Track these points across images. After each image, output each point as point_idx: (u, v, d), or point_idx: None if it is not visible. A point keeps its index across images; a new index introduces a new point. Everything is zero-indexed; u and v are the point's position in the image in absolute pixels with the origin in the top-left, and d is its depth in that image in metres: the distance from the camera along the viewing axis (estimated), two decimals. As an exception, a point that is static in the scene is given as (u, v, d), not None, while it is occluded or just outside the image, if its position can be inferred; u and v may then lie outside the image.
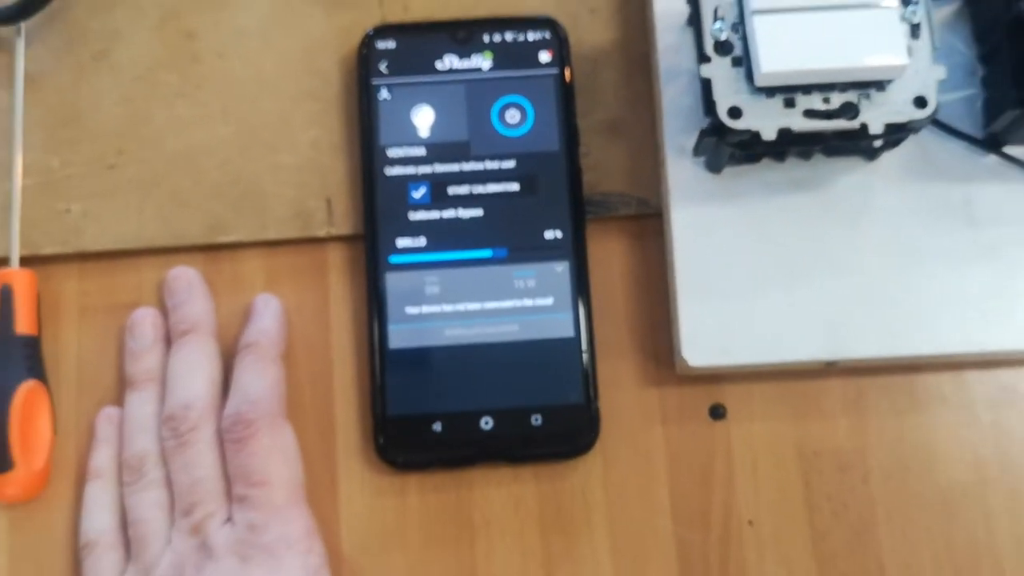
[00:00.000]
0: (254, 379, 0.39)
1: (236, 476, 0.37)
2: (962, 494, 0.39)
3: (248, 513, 0.37)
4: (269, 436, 0.38)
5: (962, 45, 0.41)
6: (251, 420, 0.37)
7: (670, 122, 0.40)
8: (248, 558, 0.36)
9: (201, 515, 0.37)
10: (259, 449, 0.37)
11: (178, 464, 0.38)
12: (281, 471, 0.38)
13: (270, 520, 0.36)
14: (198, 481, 0.37)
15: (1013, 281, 0.39)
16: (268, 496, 0.37)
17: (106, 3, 0.44)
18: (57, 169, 0.42)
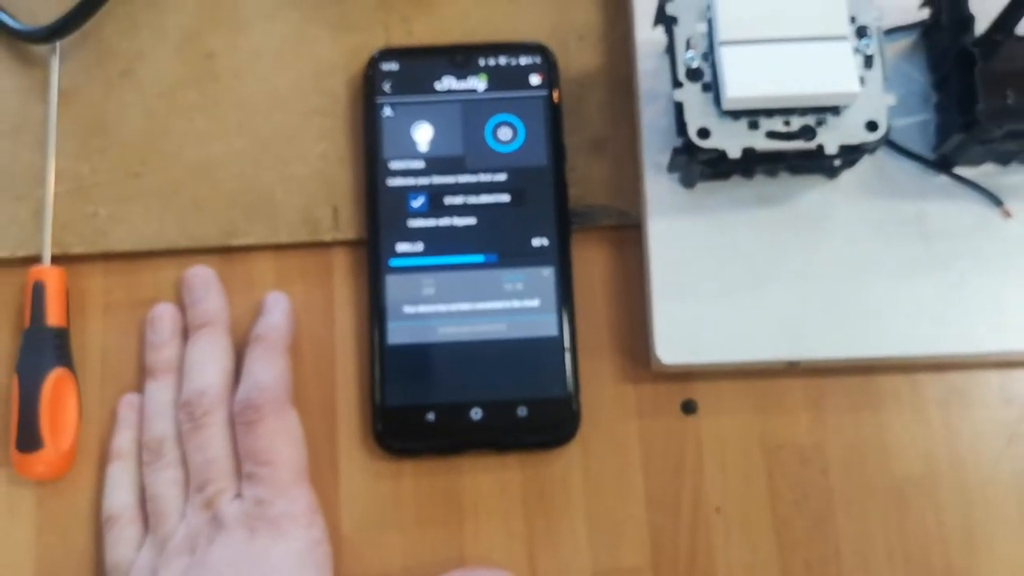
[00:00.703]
0: (263, 368, 0.40)
1: (245, 456, 0.39)
2: (914, 487, 0.41)
3: (256, 489, 0.38)
4: (276, 420, 0.39)
5: (918, 74, 0.43)
6: (259, 405, 0.39)
7: (649, 141, 0.43)
8: (255, 530, 0.38)
9: (213, 491, 0.39)
10: (266, 432, 0.39)
11: (193, 445, 0.40)
12: (286, 452, 0.39)
13: (276, 496, 0.38)
14: (211, 461, 0.39)
15: (961, 290, 0.41)
16: (274, 474, 0.39)
17: (133, 25, 0.46)
18: (87, 176, 0.44)
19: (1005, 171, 0.43)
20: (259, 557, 0.38)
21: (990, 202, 0.42)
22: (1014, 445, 0.42)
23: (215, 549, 0.38)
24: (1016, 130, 0.39)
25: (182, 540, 0.39)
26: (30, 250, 0.43)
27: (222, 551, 0.38)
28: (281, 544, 0.38)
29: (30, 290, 0.42)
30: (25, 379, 0.41)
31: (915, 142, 0.43)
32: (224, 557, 0.38)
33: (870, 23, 0.38)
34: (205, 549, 0.38)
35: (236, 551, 0.38)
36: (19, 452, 0.41)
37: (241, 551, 0.38)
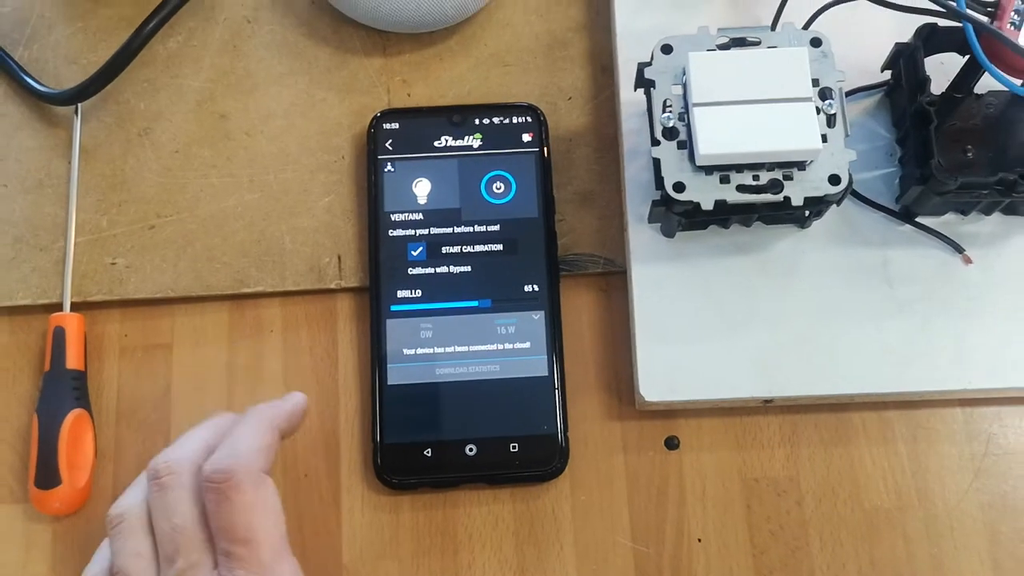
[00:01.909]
0: (245, 436, 0.37)
1: (220, 531, 0.35)
2: (884, 518, 0.43)
3: (236, 571, 0.35)
4: (252, 492, 0.35)
5: (882, 130, 0.46)
6: (231, 472, 0.35)
7: (632, 194, 0.45)
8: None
9: (184, 564, 0.35)
10: (242, 504, 0.35)
11: (158, 511, 0.36)
12: (265, 526, 0.36)
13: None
14: (177, 528, 0.35)
15: (924, 332, 0.43)
16: (255, 554, 0.35)
17: (151, 88, 0.49)
18: (106, 228, 0.47)
19: (965, 220, 0.45)
20: None
21: (951, 249, 0.45)
22: (980, 478, 0.44)
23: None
24: (969, 183, 0.42)
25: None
26: (51, 298, 0.46)
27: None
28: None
29: (51, 335, 0.45)
30: (45, 419, 0.43)
31: (880, 194, 0.46)
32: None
33: (832, 85, 0.41)
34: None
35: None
36: (37, 488, 0.42)
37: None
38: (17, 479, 0.44)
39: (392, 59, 0.50)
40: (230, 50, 0.51)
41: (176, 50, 0.51)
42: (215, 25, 0.51)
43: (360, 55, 0.50)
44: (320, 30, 0.51)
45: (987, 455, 0.44)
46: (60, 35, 0.51)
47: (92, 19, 0.51)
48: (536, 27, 0.51)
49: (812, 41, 0.42)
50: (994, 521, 0.43)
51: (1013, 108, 0.44)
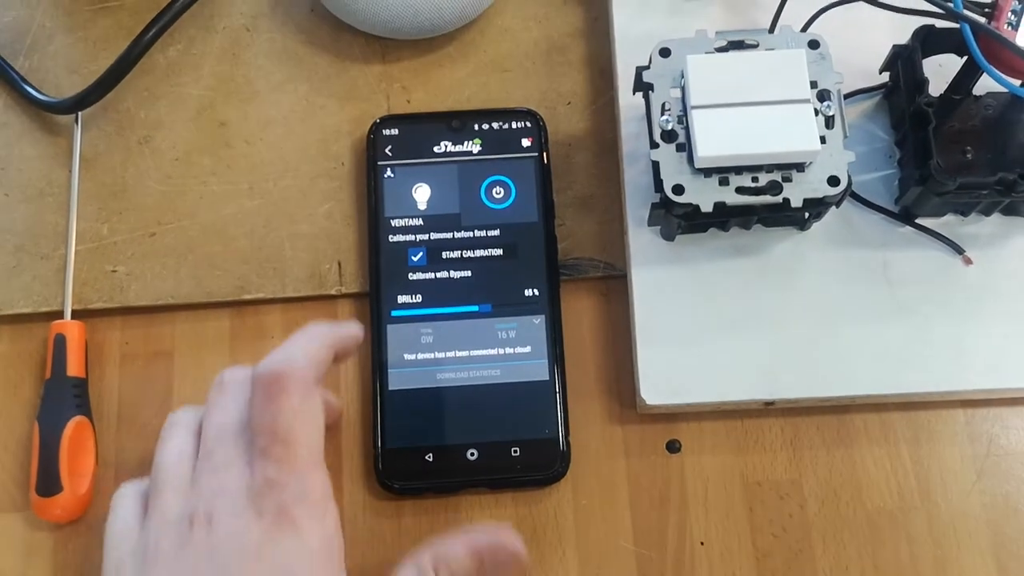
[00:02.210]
0: (300, 345, 0.37)
1: (260, 429, 0.35)
2: (887, 520, 0.43)
3: (268, 468, 0.35)
4: (299, 398, 0.36)
5: (881, 132, 0.47)
6: (284, 376, 0.35)
7: (631, 198, 0.45)
8: (263, 515, 0.34)
9: (220, 459, 0.36)
10: (287, 408, 0.35)
11: (208, 412, 0.37)
12: (306, 432, 0.36)
13: (290, 479, 0.35)
14: (221, 426, 0.36)
15: (925, 332, 0.43)
16: (290, 456, 0.35)
17: (151, 96, 0.50)
18: (106, 236, 0.47)
19: (965, 221, 0.46)
20: (270, 554, 0.34)
21: (952, 250, 0.45)
22: (983, 479, 0.44)
23: (218, 532, 0.34)
24: (969, 183, 0.42)
25: (179, 516, 0.35)
26: (53, 306, 0.46)
27: (226, 537, 0.34)
28: (294, 541, 0.34)
29: (52, 343, 0.45)
30: (46, 427, 0.43)
31: (880, 196, 0.46)
32: (229, 545, 0.34)
33: (831, 87, 0.41)
34: (206, 530, 0.35)
35: (242, 540, 0.34)
36: (38, 496, 0.42)
37: (249, 541, 0.34)
38: (18, 486, 0.44)
39: (391, 66, 0.50)
40: (230, 58, 0.51)
41: (176, 58, 0.51)
42: (214, 33, 0.51)
43: (359, 62, 0.51)
44: (319, 38, 0.51)
45: (989, 456, 0.44)
46: (60, 45, 0.51)
47: (92, 28, 0.51)
48: (535, 33, 0.51)
49: (810, 43, 0.42)
50: (997, 522, 0.43)
51: (1012, 109, 0.44)
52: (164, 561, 0.35)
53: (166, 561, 0.35)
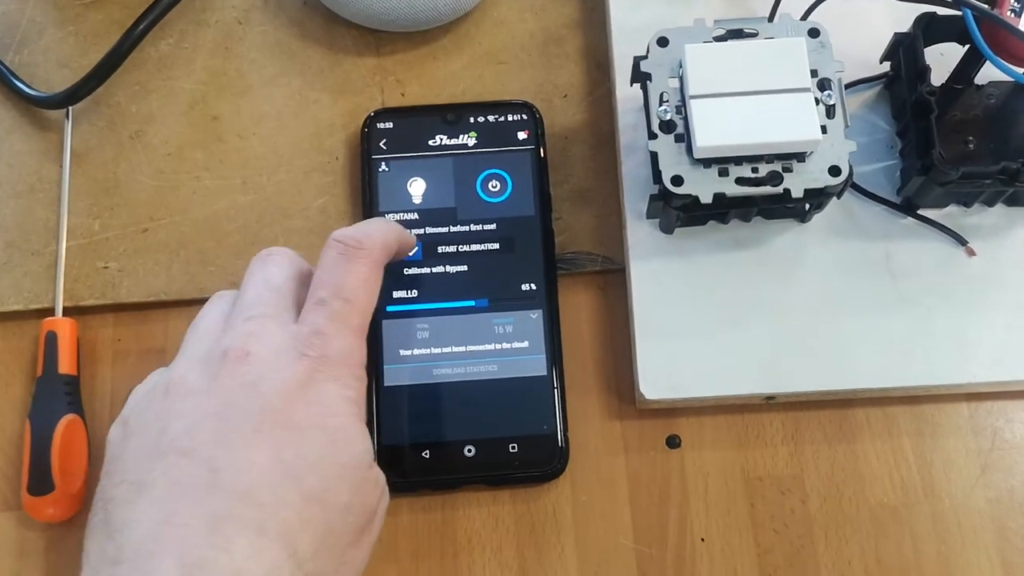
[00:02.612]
0: (380, 226, 0.38)
1: (324, 282, 0.36)
2: (890, 515, 0.42)
3: (319, 318, 0.35)
4: (372, 270, 0.37)
5: (883, 122, 0.46)
6: (364, 244, 0.37)
7: (629, 190, 0.45)
8: (304, 356, 0.34)
9: (259, 312, 0.36)
10: (359, 274, 0.36)
11: (251, 275, 0.37)
12: (367, 304, 0.36)
13: (338, 334, 0.35)
14: (267, 282, 0.37)
15: (928, 325, 0.43)
16: (347, 312, 0.35)
17: (143, 91, 0.49)
18: (98, 232, 0.47)
19: (968, 212, 0.45)
20: (314, 392, 0.34)
21: (954, 242, 0.44)
22: (987, 474, 0.43)
23: (256, 365, 0.34)
24: (971, 172, 0.41)
25: (208, 353, 0.35)
26: (44, 302, 0.45)
27: (266, 369, 0.34)
28: (335, 385, 0.34)
29: (43, 340, 0.44)
30: (37, 425, 0.43)
31: (881, 187, 0.45)
32: (269, 377, 0.34)
33: (831, 75, 0.41)
34: (243, 363, 0.34)
35: (284, 374, 0.34)
36: (30, 495, 0.42)
37: (290, 376, 0.34)
38: (10, 486, 0.44)
39: (385, 58, 0.50)
40: (222, 52, 0.50)
41: (167, 52, 0.50)
42: (206, 27, 0.51)
43: (353, 55, 0.50)
44: (312, 30, 0.50)
45: (993, 450, 0.44)
46: (51, 39, 0.50)
47: (83, 23, 0.51)
48: (530, 24, 0.50)
49: (810, 32, 0.41)
50: (1002, 516, 0.43)
51: (1015, 98, 0.44)
52: (192, 394, 0.34)
53: (194, 394, 0.34)
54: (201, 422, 0.33)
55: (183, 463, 0.33)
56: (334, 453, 0.34)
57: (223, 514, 0.32)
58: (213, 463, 0.32)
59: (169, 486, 0.32)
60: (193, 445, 0.33)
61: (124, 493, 0.33)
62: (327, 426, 0.34)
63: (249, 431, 0.33)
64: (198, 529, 0.31)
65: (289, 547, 0.32)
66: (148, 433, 0.34)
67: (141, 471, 0.33)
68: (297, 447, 0.33)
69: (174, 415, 0.34)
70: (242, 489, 0.32)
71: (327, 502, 0.33)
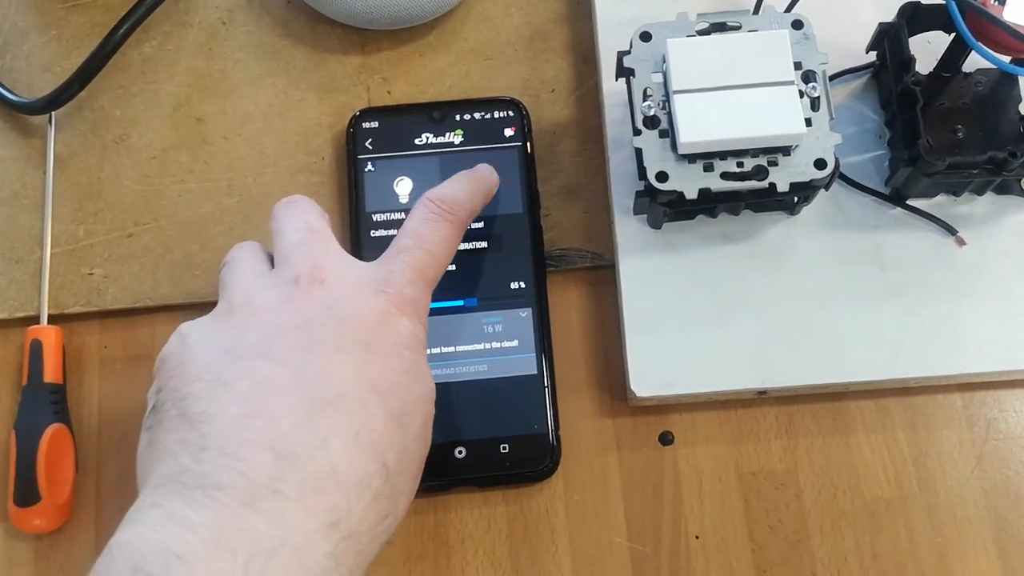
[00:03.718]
0: (469, 188, 0.39)
1: (411, 232, 0.37)
2: (885, 508, 0.42)
3: (402, 263, 0.36)
4: (455, 233, 0.38)
5: (870, 113, 0.46)
6: (455, 210, 0.38)
7: (617, 186, 0.45)
8: (381, 292, 0.34)
9: (320, 244, 0.36)
10: (445, 234, 0.37)
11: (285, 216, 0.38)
12: (444, 258, 0.37)
13: (415, 281, 0.35)
14: (309, 224, 0.37)
15: (919, 315, 0.43)
16: (427, 264, 0.36)
17: (126, 94, 0.49)
18: (82, 238, 0.46)
19: (957, 202, 0.45)
20: (392, 325, 0.34)
21: (944, 231, 0.44)
22: (982, 464, 0.43)
23: (333, 289, 0.34)
24: (958, 162, 0.41)
25: (274, 281, 0.35)
26: (28, 310, 0.45)
27: (344, 295, 0.34)
28: (410, 325, 0.35)
29: (28, 349, 0.44)
30: (23, 435, 0.42)
31: (870, 177, 0.45)
32: (348, 301, 0.34)
33: (815, 68, 0.40)
34: (317, 287, 0.34)
35: (362, 303, 0.34)
36: (17, 506, 0.41)
37: (368, 306, 0.34)
38: (-4, 497, 0.43)
39: (371, 57, 0.49)
40: (205, 53, 0.50)
41: (151, 54, 0.50)
42: (190, 28, 0.50)
43: (338, 53, 0.50)
44: (297, 30, 0.50)
45: (988, 440, 0.43)
46: (33, 44, 0.50)
47: (65, 27, 0.50)
48: (516, 19, 0.50)
49: (793, 24, 0.41)
50: (997, 507, 0.42)
51: (1002, 85, 0.44)
52: (265, 311, 0.34)
53: (267, 311, 0.33)
54: (279, 334, 0.33)
55: (265, 365, 0.32)
56: (411, 382, 0.34)
57: (315, 415, 0.31)
58: (299, 369, 0.32)
59: (253, 386, 0.32)
60: (274, 351, 0.32)
61: (202, 389, 0.32)
62: (404, 356, 0.34)
63: (332, 347, 0.33)
64: (291, 424, 0.31)
65: (379, 458, 0.32)
66: (218, 343, 0.33)
67: (220, 370, 0.32)
68: (380, 368, 0.33)
69: (247, 328, 0.33)
70: (331, 396, 0.32)
71: (406, 426, 0.33)
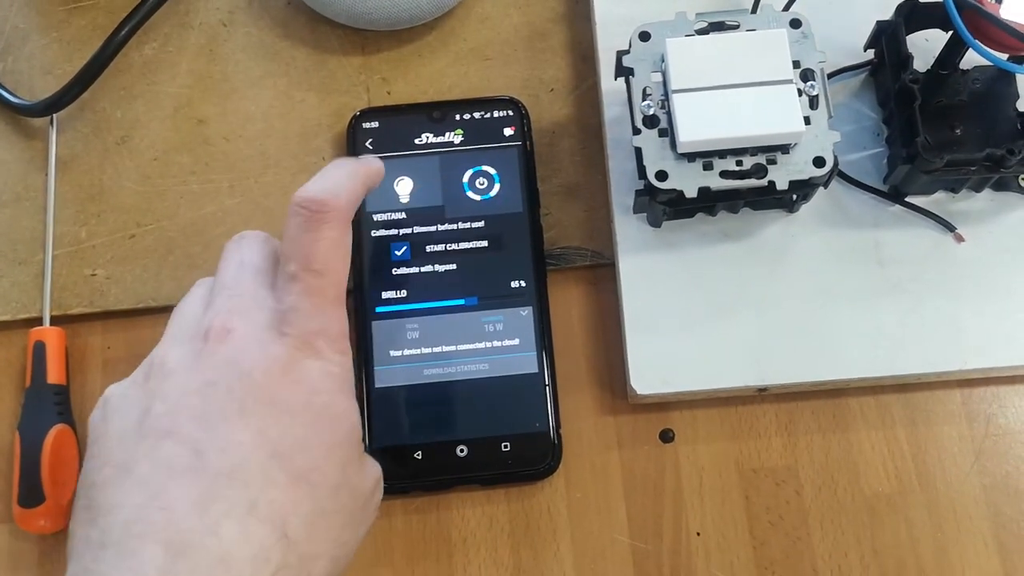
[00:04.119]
0: (342, 178, 0.36)
1: (293, 255, 0.34)
2: (885, 504, 0.42)
3: (293, 295, 0.34)
4: (339, 231, 0.35)
5: (868, 111, 0.46)
6: (328, 204, 0.34)
7: (617, 185, 0.45)
8: (285, 335, 0.33)
9: (239, 288, 0.35)
10: (328, 239, 0.34)
11: (226, 254, 0.37)
12: (339, 268, 0.35)
13: (315, 310, 0.34)
14: (243, 263, 0.36)
15: (918, 312, 0.43)
16: (321, 285, 0.34)
17: (128, 96, 0.49)
18: (85, 239, 0.46)
19: (956, 198, 0.45)
20: (296, 370, 0.33)
21: (943, 228, 0.44)
22: (981, 460, 0.43)
23: (238, 342, 0.33)
24: (956, 160, 0.41)
25: (190, 334, 0.34)
26: (31, 312, 0.45)
27: (249, 346, 0.33)
28: (317, 362, 0.33)
29: (31, 350, 0.44)
30: (27, 436, 0.42)
31: (868, 175, 0.45)
32: (252, 354, 0.33)
33: (814, 66, 0.40)
34: (224, 342, 0.33)
35: (266, 351, 0.33)
36: (21, 507, 0.42)
37: (272, 353, 0.33)
38: (1, 498, 0.43)
39: (371, 57, 0.50)
40: (206, 54, 0.50)
41: (152, 56, 0.50)
42: (190, 30, 0.50)
43: (338, 54, 0.50)
44: (297, 31, 0.50)
45: (987, 436, 0.44)
46: (35, 46, 0.50)
47: (66, 29, 0.51)
48: (515, 19, 0.50)
49: (791, 23, 0.41)
50: (997, 502, 0.42)
51: (999, 83, 0.44)
52: (173, 374, 0.33)
53: (176, 374, 0.33)
54: (183, 402, 0.33)
55: (166, 444, 0.32)
56: (320, 432, 0.33)
57: (209, 495, 0.31)
58: (197, 444, 0.32)
59: (153, 468, 0.31)
60: (176, 426, 0.32)
61: (107, 476, 0.32)
62: (312, 404, 0.33)
63: (233, 410, 0.32)
64: (184, 511, 0.30)
65: (279, 529, 0.31)
66: (129, 415, 0.33)
67: (124, 453, 0.32)
68: (283, 426, 0.32)
69: (156, 396, 0.33)
70: (228, 469, 0.31)
71: (316, 483, 0.33)
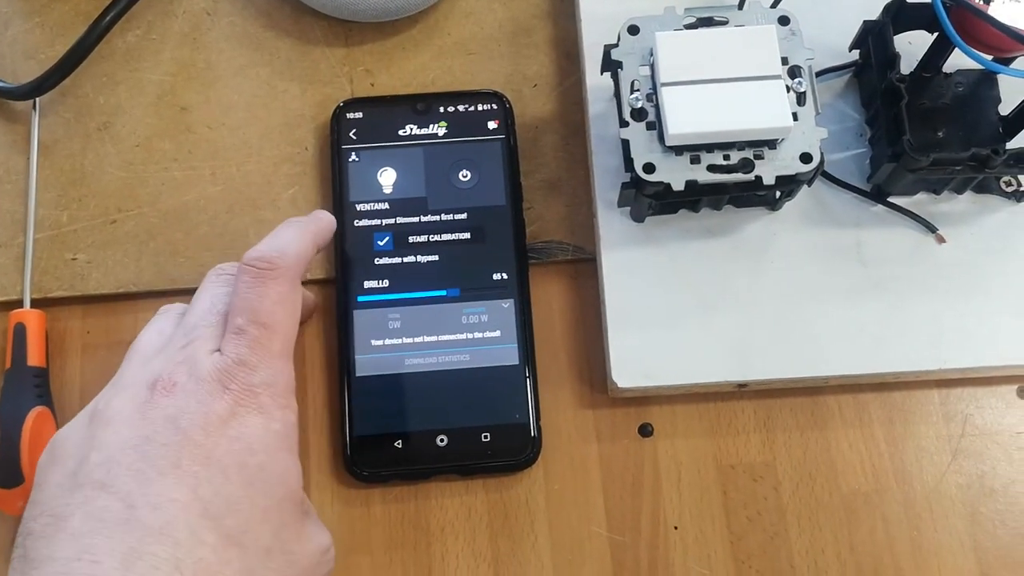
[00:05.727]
0: (291, 238, 0.37)
1: (241, 309, 0.35)
2: (862, 501, 0.42)
3: (240, 348, 0.34)
4: (287, 288, 0.36)
5: (852, 111, 0.46)
6: (276, 264, 0.36)
7: (600, 180, 0.45)
8: (228, 389, 0.34)
9: (194, 336, 0.35)
10: (275, 295, 0.35)
11: (196, 299, 0.37)
12: (287, 323, 0.35)
13: (260, 363, 0.34)
14: (205, 309, 0.36)
15: (898, 312, 0.43)
16: (267, 339, 0.35)
17: (111, 82, 0.49)
18: (66, 224, 0.46)
19: (937, 200, 0.45)
20: (234, 427, 0.33)
21: (925, 229, 0.45)
22: (958, 460, 0.43)
23: (180, 398, 0.33)
24: (941, 159, 0.41)
25: (139, 381, 0.34)
26: (11, 295, 0.45)
27: (189, 403, 0.33)
28: (258, 419, 0.34)
29: (11, 333, 0.44)
30: (6, 418, 0.42)
31: (851, 175, 0.45)
32: (191, 410, 0.33)
33: (802, 63, 0.41)
34: (168, 395, 0.33)
35: (206, 408, 0.33)
36: (0, 488, 0.41)
37: (212, 410, 0.33)
38: (-23, 481, 0.43)
39: (354, 49, 0.50)
40: (190, 42, 0.50)
41: (135, 43, 0.50)
42: (174, 18, 0.50)
43: (322, 45, 0.50)
44: (281, 21, 0.50)
45: (964, 436, 0.44)
46: (17, 31, 0.50)
47: (49, 14, 0.50)
48: (499, 14, 0.50)
49: (780, 19, 0.41)
50: (973, 502, 0.43)
51: (983, 86, 0.44)
52: (113, 423, 0.33)
53: (116, 423, 0.33)
54: (119, 455, 0.32)
55: (100, 497, 0.32)
56: (254, 494, 0.33)
57: (137, 552, 0.31)
58: (129, 498, 0.31)
59: (85, 520, 0.31)
60: (110, 478, 0.32)
61: (42, 527, 0.32)
62: (247, 465, 0.33)
63: (167, 466, 0.32)
64: (111, 567, 0.30)
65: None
66: (68, 463, 0.33)
67: (59, 503, 0.32)
68: (216, 485, 0.32)
69: (95, 445, 0.33)
70: (157, 526, 0.31)
71: (246, 545, 0.32)
